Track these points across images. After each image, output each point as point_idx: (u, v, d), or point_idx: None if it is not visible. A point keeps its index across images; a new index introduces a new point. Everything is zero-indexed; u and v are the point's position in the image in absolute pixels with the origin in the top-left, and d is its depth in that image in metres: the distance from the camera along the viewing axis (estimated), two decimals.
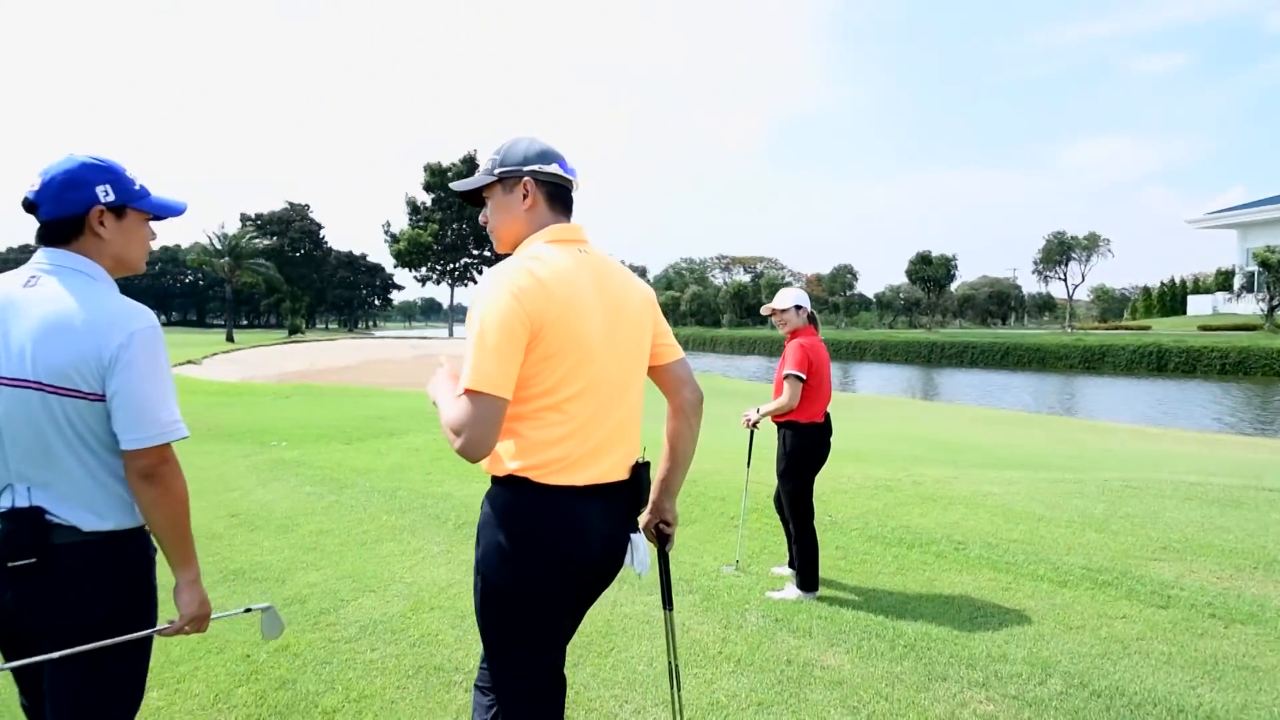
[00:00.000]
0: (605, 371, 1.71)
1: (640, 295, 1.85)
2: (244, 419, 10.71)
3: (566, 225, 1.79)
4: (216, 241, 68.24)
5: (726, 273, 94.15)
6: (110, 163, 1.69)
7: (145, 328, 1.58)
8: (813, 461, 4.10)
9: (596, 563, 1.75)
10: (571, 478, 1.67)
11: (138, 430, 1.54)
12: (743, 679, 3.10)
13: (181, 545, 1.65)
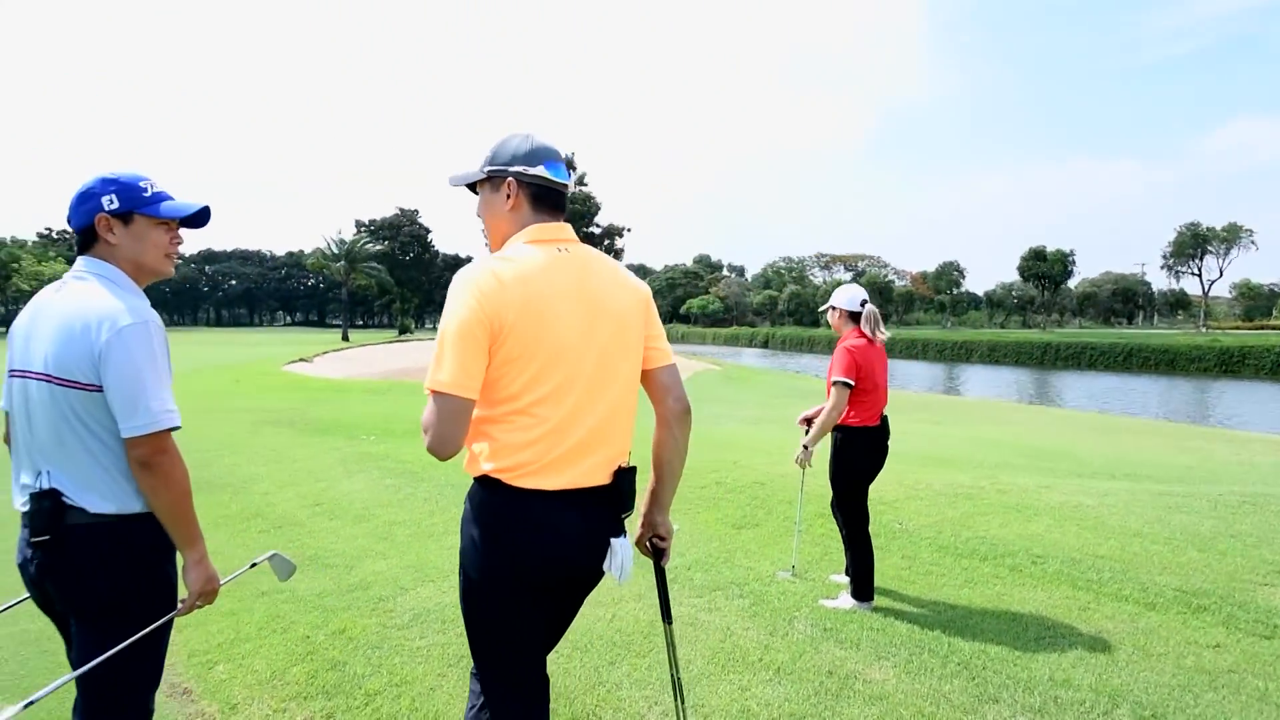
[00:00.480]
0: (580, 373, 1.68)
1: (630, 295, 1.80)
2: (339, 414, 11.36)
3: (548, 225, 1.77)
4: (334, 247, 72.76)
5: (826, 271, 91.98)
6: (122, 175, 1.84)
7: (132, 323, 1.69)
8: (864, 467, 3.94)
9: (569, 565, 1.74)
10: (543, 481, 1.66)
11: (131, 419, 1.67)
12: (779, 688, 3.02)
13: (183, 528, 1.77)
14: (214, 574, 1.84)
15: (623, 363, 1.77)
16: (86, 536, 1.72)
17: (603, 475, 1.75)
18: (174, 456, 1.72)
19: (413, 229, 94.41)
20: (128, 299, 1.75)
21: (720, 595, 4.01)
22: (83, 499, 1.71)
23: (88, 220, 1.81)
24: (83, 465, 1.72)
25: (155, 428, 1.67)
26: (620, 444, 1.81)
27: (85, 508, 1.71)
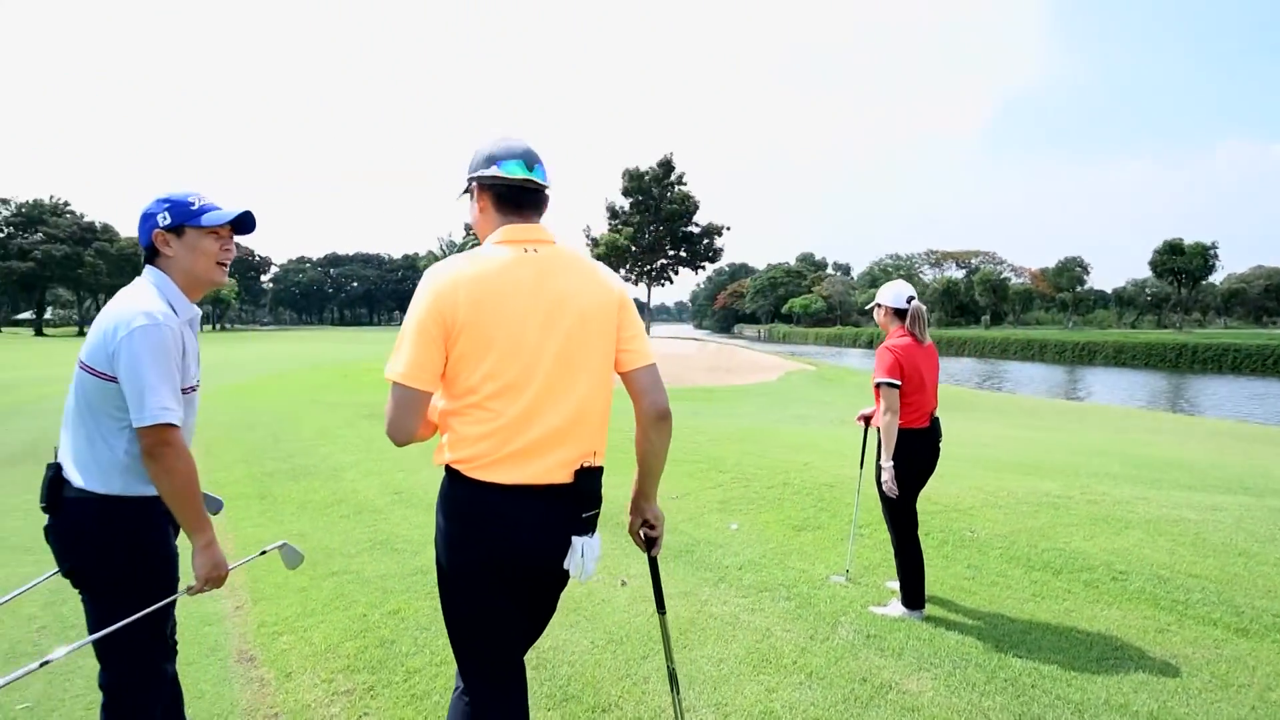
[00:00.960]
0: (537, 371, 1.72)
1: (600, 295, 1.81)
2: None
3: (519, 226, 1.80)
4: (444, 249, 76.22)
5: (937, 269, 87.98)
6: (175, 194, 2.05)
7: (142, 325, 1.86)
8: (913, 471, 3.78)
9: (524, 559, 1.77)
10: (500, 475, 1.71)
11: (135, 412, 1.85)
12: (808, 692, 2.97)
13: (188, 515, 1.92)
14: (220, 560, 1.99)
15: (587, 363, 1.78)
16: (76, 509, 1.93)
17: (565, 474, 1.77)
18: (176, 449, 1.87)
19: None
20: (152, 304, 1.93)
21: (766, 596, 3.96)
22: (72, 475, 1.92)
23: (148, 237, 2.03)
24: (78, 444, 1.93)
25: (151, 421, 1.83)
26: (587, 444, 1.81)
27: (71, 482, 1.92)
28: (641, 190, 58.22)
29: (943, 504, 5.63)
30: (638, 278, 61.19)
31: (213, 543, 1.98)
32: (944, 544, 4.79)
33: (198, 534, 1.95)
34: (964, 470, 6.98)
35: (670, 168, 58.22)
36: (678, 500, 5.85)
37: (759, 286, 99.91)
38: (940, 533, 4.98)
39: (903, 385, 3.69)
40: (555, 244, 1.84)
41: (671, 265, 62.09)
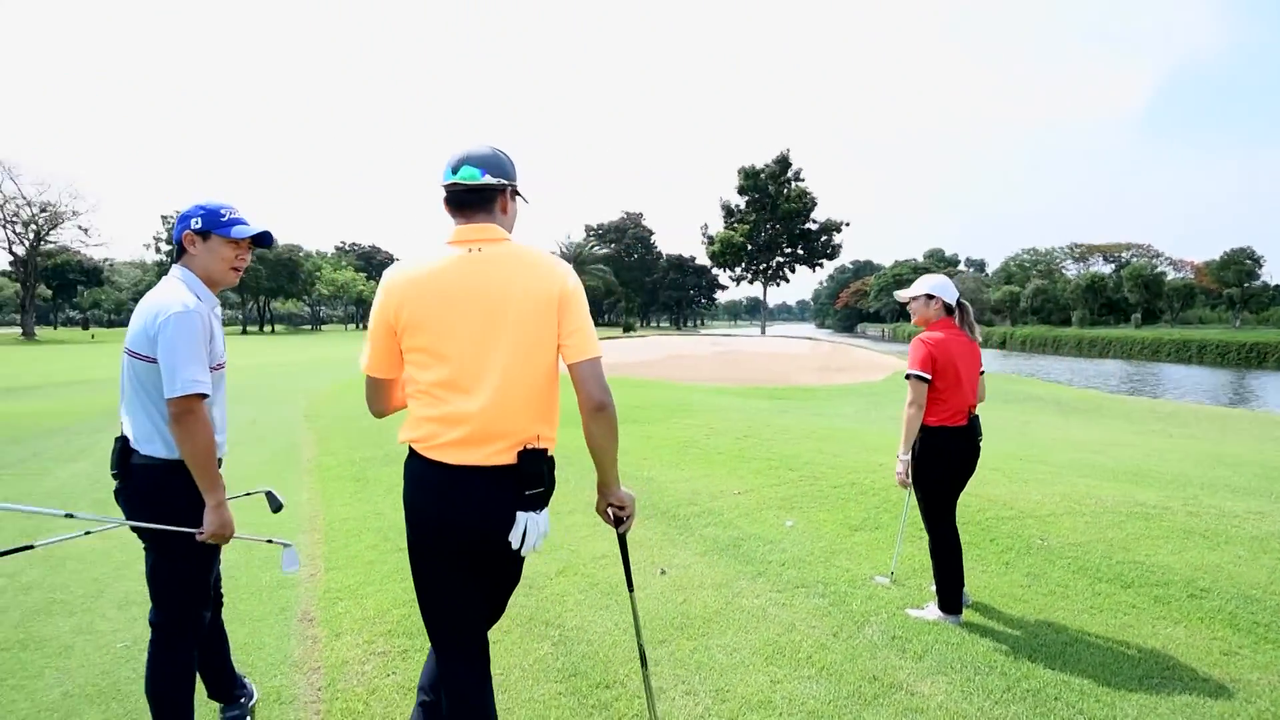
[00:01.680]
0: (472, 363, 1.88)
1: (538, 292, 1.91)
2: None
3: (465, 226, 1.97)
4: (564, 250, 78.43)
5: (1081, 263, 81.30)
6: (211, 204, 2.38)
7: (175, 313, 2.19)
8: (945, 470, 3.65)
9: (466, 532, 1.92)
10: (445, 456, 1.89)
11: (169, 385, 2.16)
12: (813, 685, 2.97)
13: (204, 476, 2.23)
14: (228, 520, 2.29)
15: (523, 355, 1.91)
16: (141, 474, 2.27)
17: (509, 456, 1.91)
18: (198, 417, 2.18)
19: (637, 231, 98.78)
20: (184, 296, 2.28)
21: (801, 592, 3.95)
22: (137, 445, 2.27)
23: (179, 236, 2.38)
24: (138, 418, 2.27)
25: (182, 392, 2.15)
26: (528, 429, 1.93)
27: (138, 450, 2.27)
28: (757, 188, 57.60)
29: (1018, 510, 5.34)
30: (754, 276, 60.55)
31: (222, 504, 2.29)
32: (1008, 550, 4.57)
33: (210, 494, 2.26)
34: (1053, 476, 6.56)
35: (787, 164, 57.25)
36: (739, 496, 5.88)
37: (883, 284, 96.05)
38: (1007, 539, 4.75)
39: (935, 380, 3.59)
40: (503, 242, 1.98)
41: (788, 263, 61.01)
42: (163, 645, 2.35)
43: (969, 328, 3.79)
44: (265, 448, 8.49)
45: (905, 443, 3.60)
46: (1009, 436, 9.98)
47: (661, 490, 6.11)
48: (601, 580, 4.15)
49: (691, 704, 2.87)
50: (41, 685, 3.00)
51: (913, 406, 3.58)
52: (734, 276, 63.51)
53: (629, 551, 2.34)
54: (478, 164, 1.99)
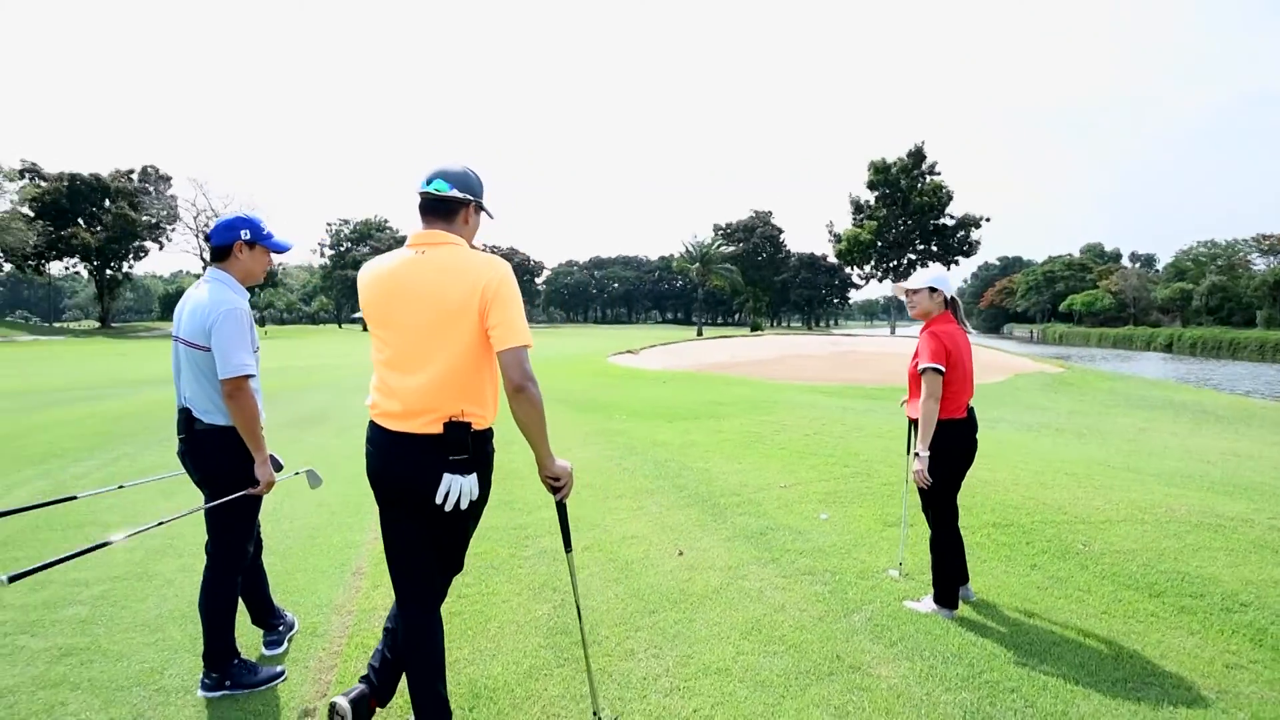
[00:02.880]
0: (408, 348, 2.28)
1: (465, 287, 2.24)
2: (614, 396, 12.95)
3: (420, 232, 2.36)
4: (691, 250, 78.87)
5: (1270, 256, 71.79)
6: (252, 218, 2.94)
7: (225, 310, 2.74)
8: (949, 461, 3.66)
9: (403, 487, 2.31)
10: (387, 423, 2.31)
11: (221, 368, 2.71)
12: (773, 660, 3.14)
13: (252, 439, 2.77)
14: (271, 476, 2.86)
15: (450, 342, 2.26)
16: (204, 436, 2.84)
17: (437, 426, 2.27)
18: (247, 393, 2.74)
19: (766, 230, 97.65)
20: (231, 296, 2.84)
21: (807, 579, 4.08)
22: (202, 415, 2.83)
23: (227, 242, 2.93)
24: (199, 394, 2.84)
25: (233, 374, 2.70)
26: (453, 404, 2.28)
27: (200, 419, 2.83)
28: (888, 183, 55.41)
29: (1071, 514, 5.14)
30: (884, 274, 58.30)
31: (266, 462, 2.86)
32: (1041, 553, 4.44)
33: (258, 453, 2.84)
34: (1133, 483, 6.16)
35: (921, 157, 54.65)
36: (784, 489, 5.99)
37: (1032, 282, 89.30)
38: (1045, 542, 4.61)
39: (947, 372, 3.61)
40: (448, 246, 2.35)
41: (920, 260, 58.22)
42: (215, 571, 2.93)
43: (961, 321, 3.81)
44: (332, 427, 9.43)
45: (924, 438, 3.60)
46: (1109, 442, 9.32)
47: (709, 480, 6.33)
48: (620, 557, 4.46)
49: (654, 665, 3.13)
50: (144, 607, 3.72)
51: (930, 400, 3.58)
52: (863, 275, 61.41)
53: (568, 518, 2.64)
54: (448, 179, 2.38)
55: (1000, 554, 4.46)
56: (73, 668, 3.14)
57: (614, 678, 3.02)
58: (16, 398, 13.88)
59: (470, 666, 3.12)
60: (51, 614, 3.67)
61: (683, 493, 5.97)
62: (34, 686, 2.99)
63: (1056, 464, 6.95)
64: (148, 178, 67.86)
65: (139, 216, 63.56)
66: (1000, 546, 4.59)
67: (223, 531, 2.92)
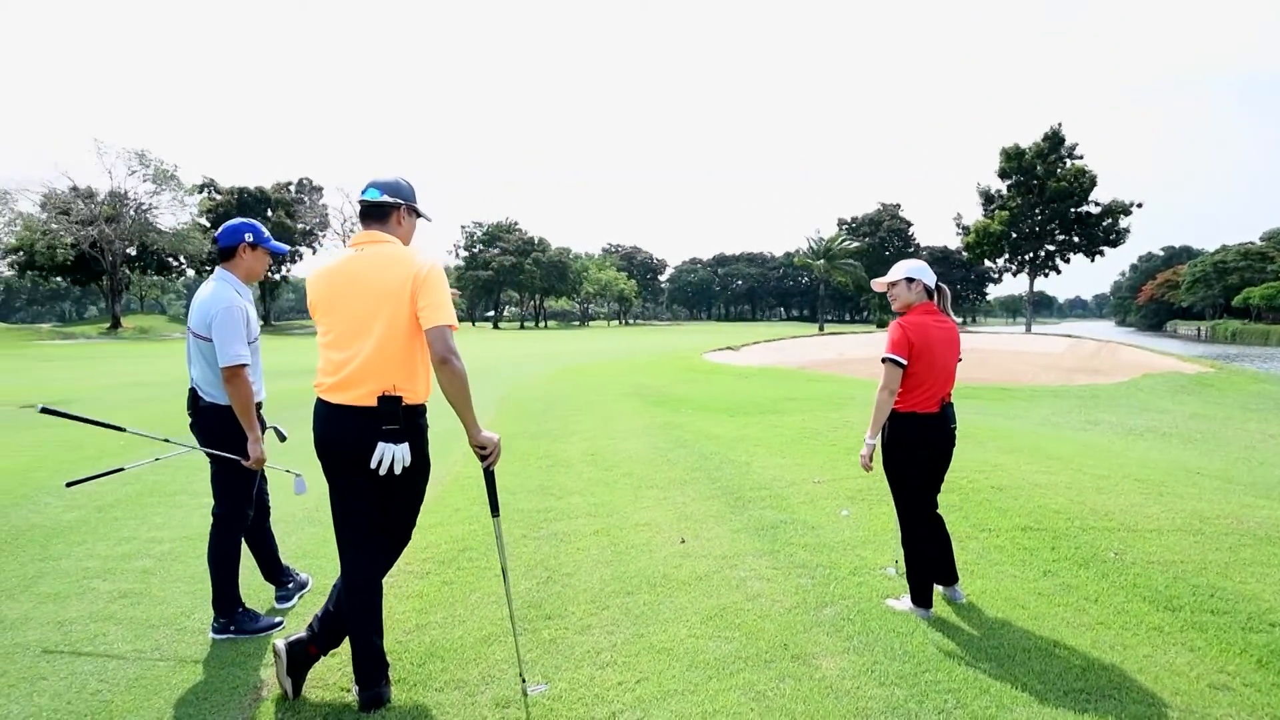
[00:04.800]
0: (346, 331, 2.61)
1: (395, 278, 2.59)
2: (689, 391, 13.06)
3: (361, 234, 2.72)
4: (814, 244, 77.16)
5: None
6: (253, 223, 3.35)
7: (223, 308, 3.15)
8: (912, 458, 3.54)
9: (342, 453, 2.63)
10: (329, 396, 2.62)
11: (220, 358, 3.13)
12: (720, 644, 3.20)
13: (245, 419, 3.16)
14: (261, 454, 3.25)
15: (382, 325, 2.59)
16: (209, 412, 3.28)
17: (371, 399, 2.58)
18: (242, 379, 3.15)
19: (893, 224, 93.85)
20: (230, 294, 3.25)
21: (796, 572, 4.06)
22: (206, 394, 3.27)
23: (233, 243, 3.36)
24: (204, 378, 3.28)
25: (231, 363, 3.12)
26: (386, 380, 2.59)
27: (203, 397, 3.27)
28: (1022, 169, 51.54)
29: (1115, 521, 4.78)
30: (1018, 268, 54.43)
31: (258, 439, 3.26)
32: (1063, 559, 4.19)
33: (250, 431, 3.24)
34: (1209, 492, 5.60)
35: (1058, 140, 50.48)
36: (817, 485, 5.91)
37: (1199, 274, 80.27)
38: (1071, 548, 4.34)
39: (912, 365, 3.52)
40: (384, 244, 2.70)
41: (1059, 252, 53.83)
42: (219, 530, 3.38)
43: (946, 311, 3.68)
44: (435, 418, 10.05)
45: (873, 427, 3.57)
46: (1220, 449, 8.42)
47: (745, 473, 6.35)
48: (623, 542, 4.62)
49: (603, 640, 3.27)
50: (196, 563, 4.26)
51: (884, 391, 3.54)
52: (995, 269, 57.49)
53: (495, 484, 2.87)
54: (379, 187, 2.75)
55: (1017, 558, 4.24)
56: (124, 607, 3.70)
57: (561, 649, 3.20)
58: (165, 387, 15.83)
59: (437, 630, 3.39)
60: (126, 564, 4.31)
61: (714, 485, 6.03)
62: (89, 619, 3.55)
63: (1131, 469, 6.40)
64: (303, 188, 74.62)
65: (294, 224, 70.00)
66: (1020, 550, 4.36)
67: (225, 497, 3.36)
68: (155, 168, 52.89)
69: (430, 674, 2.99)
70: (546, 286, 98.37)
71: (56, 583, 4.03)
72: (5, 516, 5.33)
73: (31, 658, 3.18)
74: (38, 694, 2.88)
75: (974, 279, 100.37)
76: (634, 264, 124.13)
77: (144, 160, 52.14)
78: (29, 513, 5.43)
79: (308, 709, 2.75)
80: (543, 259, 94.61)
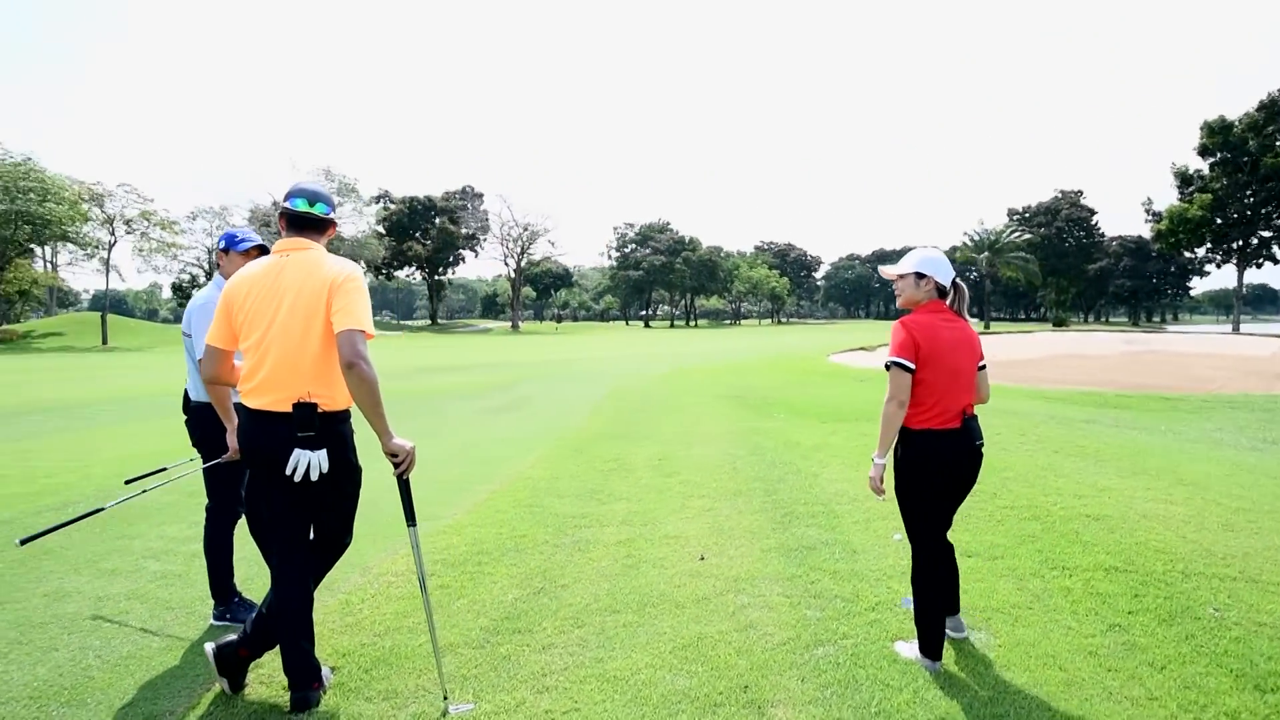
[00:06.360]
0: (266, 335, 2.61)
1: (314, 284, 2.60)
2: (788, 395, 12.43)
3: (285, 240, 2.73)
4: (974, 239, 71.78)
5: None
6: (231, 231, 3.49)
7: (200, 304, 3.30)
8: (928, 482, 3.04)
9: (261, 458, 2.64)
10: (250, 401, 2.64)
11: (196, 351, 3.27)
12: (677, 678, 2.92)
13: (222, 412, 3.24)
14: (236, 447, 3.34)
15: (297, 329, 2.59)
16: (195, 410, 3.46)
17: (286, 405, 2.58)
18: None
19: (1073, 212, 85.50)
20: (211, 291, 3.40)
21: (806, 603, 3.66)
22: (194, 395, 3.45)
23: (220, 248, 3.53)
24: (191, 377, 3.45)
25: (201, 355, 3.23)
26: (301, 386, 2.58)
27: (192, 399, 3.45)
28: (1229, 146, 44.65)
29: (1237, 569, 3.95)
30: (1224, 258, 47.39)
31: (234, 431, 3.36)
32: (1142, 611, 3.48)
33: (228, 424, 3.33)
34: None
35: (1277, 111, 43.19)
36: (880, 503, 5.36)
37: None
38: (1160, 598, 3.61)
39: (921, 372, 3.03)
40: (306, 250, 2.72)
41: (1276, 238, 46.17)
42: (211, 523, 3.56)
43: (961, 313, 3.15)
44: (532, 416, 10.21)
45: (881, 444, 3.10)
46: None
47: (805, 486, 5.91)
48: (638, 555, 4.40)
49: (557, 662, 3.08)
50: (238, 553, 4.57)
51: (891, 402, 3.05)
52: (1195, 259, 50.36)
53: (410, 492, 2.80)
54: (306, 197, 2.81)
55: (1084, 605, 3.59)
56: (159, 587, 4.00)
57: (509, 667, 3.06)
58: None
59: (403, 635, 3.36)
60: (181, 547, 4.69)
61: (769, 497, 5.66)
62: (124, 597, 3.87)
63: None
64: (466, 196, 79.74)
65: (458, 230, 75.03)
66: (1091, 596, 3.70)
67: (213, 491, 3.52)
68: (339, 181, 58.67)
69: (371, 681, 2.96)
70: (697, 285, 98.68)
71: (118, 560, 4.45)
72: (112, 495, 5.97)
73: (58, 629, 3.50)
74: (41, 665, 3.14)
75: (1173, 272, 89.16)
76: (787, 261, 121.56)
77: (329, 175, 58.08)
78: None
79: (242, 704, 2.81)
80: (693, 258, 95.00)
